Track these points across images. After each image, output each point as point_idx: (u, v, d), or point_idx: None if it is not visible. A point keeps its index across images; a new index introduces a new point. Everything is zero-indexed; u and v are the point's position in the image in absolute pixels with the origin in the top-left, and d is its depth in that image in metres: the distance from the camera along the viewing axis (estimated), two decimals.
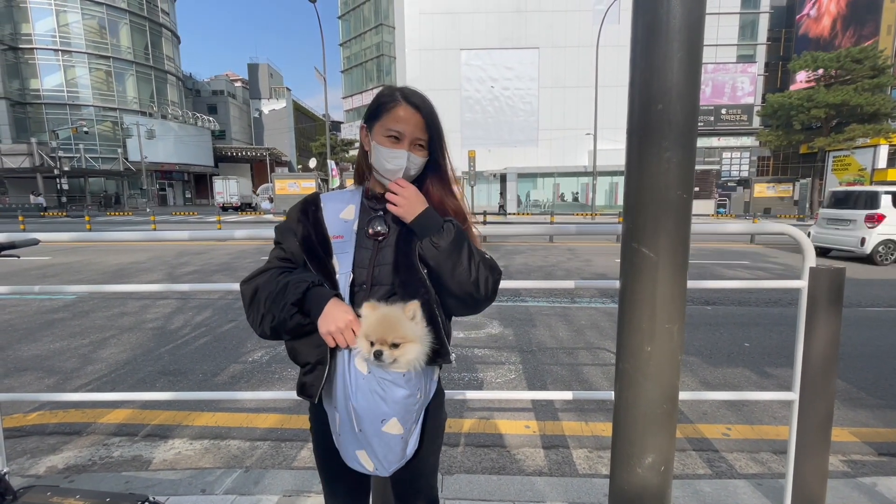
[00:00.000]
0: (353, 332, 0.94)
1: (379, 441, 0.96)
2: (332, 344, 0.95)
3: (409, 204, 0.98)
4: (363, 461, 0.99)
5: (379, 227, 1.04)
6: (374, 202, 1.09)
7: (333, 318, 0.93)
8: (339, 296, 0.99)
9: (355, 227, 1.06)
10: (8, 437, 2.46)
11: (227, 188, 30.60)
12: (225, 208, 29.91)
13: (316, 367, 1.01)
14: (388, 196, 1.00)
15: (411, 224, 0.99)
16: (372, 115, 1.05)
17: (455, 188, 1.12)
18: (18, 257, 1.58)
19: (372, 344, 0.92)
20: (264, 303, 0.99)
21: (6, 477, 1.48)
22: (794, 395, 1.68)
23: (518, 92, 34.51)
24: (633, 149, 1.04)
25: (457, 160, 1.14)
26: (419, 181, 1.08)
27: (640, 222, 1.04)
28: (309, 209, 1.08)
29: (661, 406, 1.11)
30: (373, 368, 0.95)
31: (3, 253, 1.56)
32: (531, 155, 34.21)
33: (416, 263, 1.00)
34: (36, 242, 1.61)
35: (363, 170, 1.13)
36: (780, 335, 4.43)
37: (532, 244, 12.13)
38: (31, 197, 30.11)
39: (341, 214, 1.07)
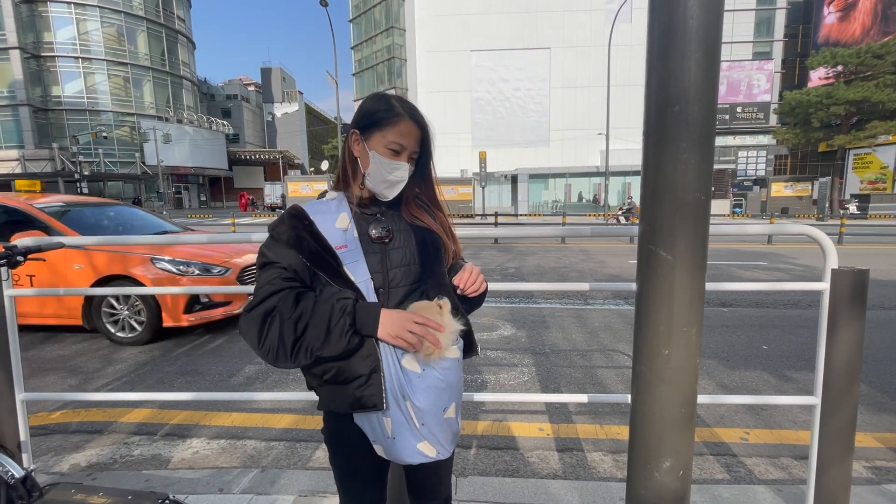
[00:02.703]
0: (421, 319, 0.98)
1: (440, 428, 1.00)
2: (418, 345, 0.96)
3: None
4: (425, 451, 1.00)
5: (382, 231, 1.06)
6: (365, 207, 1.09)
7: (404, 323, 0.96)
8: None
9: (355, 234, 1.04)
10: (33, 435, 2.53)
11: (274, 192, 36.73)
12: (273, 208, 34.91)
13: (371, 377, 0.98)
14: (470, 286, 1.10)
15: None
16: (370, 123, 1.04)
17: (440, 200, 1.17)
18: (45, 260, 1.63)
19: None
20: (295, 328, 0.92)
21: (32, 474, 1.52)
22: (816, 400, 1.65)
23: (529, 92, 34.42)
24: (650, 151, 1.03)
25: (468, 161, 1.19)
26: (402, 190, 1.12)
27: (657, 225, 1.03)
28: (301, 224, 1.03)
29: (679, 410, 1.10)
30: (425, 367, 0.99)
31: (30, 256, 1.61)
32: (542, 155, 34.08)
33: (444, 271, 1.10)
34: (61, 246, 1.66)
35: (348, 176, 1.09)
36: (798, 338, 4.34)
37: (544, 245, 12.07)
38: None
39: (336, 224, 1.05)
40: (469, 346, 1.10)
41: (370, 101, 1.06)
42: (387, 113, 1.03)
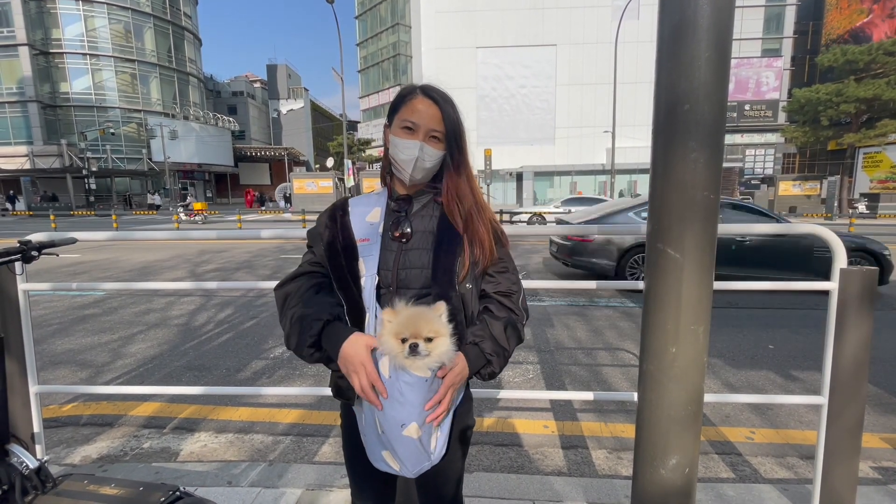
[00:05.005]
0: (366, 369, 0.94)
1: (399, 444, 0.95)
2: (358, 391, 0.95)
3: (459, 379, 0.98)
4: (389, 461, 0.99)
5: (403, 229, 1.05)
6: (398, 204, 1.09)
7: (350, 362, 0.94)
8: (356, 330, 0.99)
9: (380, 229, 1.06)
10: (45, 427, 2.57)
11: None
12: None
13: None
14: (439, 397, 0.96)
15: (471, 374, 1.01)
16: (392, 109, 1.07)
17: (474, 183, 1.11)
18: (58, 255, 1.66)
19: (404, 340, 0.91)
20: (290, 321, 1.00)
21: (46, 465, 1.55)
22: (823, 399, 1.64)
23: (535, 90, 34.25)
24: (659, 149, 1.03)
25: (473, 158, 1.15)
26: (438, 176, 1.09)
27: (665, 223, 1.04)
28: (337, 214, 1.10)
29: (686, 408, 1.11)
30: (394, 373, 0.93)
31: (43, 251, 1.63)
32: (548, 153, 33.94)
33: (451, 280, 1.02)
34: (74, 241, 1.68)
35: (385, 171, 1.14)
36: (805, 337, 4.31)
37: (549, 244, 12.03)
38: (149, 196, 33.54)
39: (367, 218, 1.08)
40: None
41: (398, 92, 1.09)
42: (406, 92, 1.06)
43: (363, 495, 1.16)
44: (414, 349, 0.91)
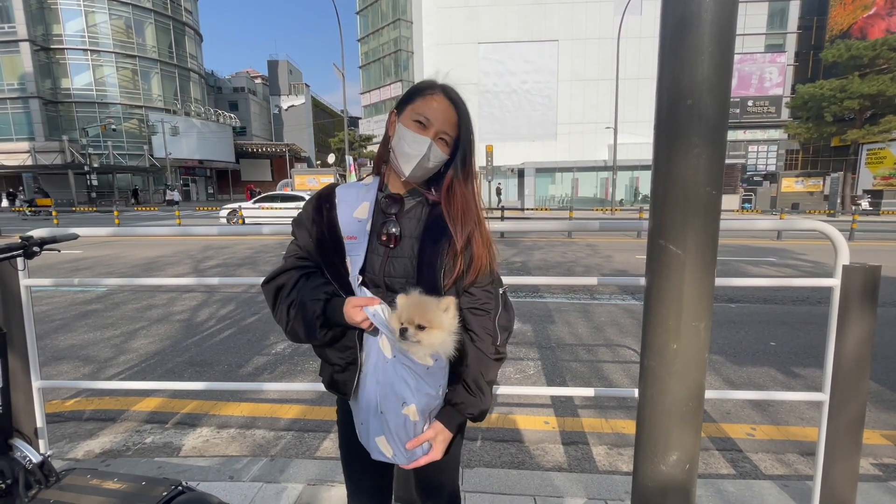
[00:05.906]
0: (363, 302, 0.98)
1: (396, 423, 0.96)
2: (366, 327, 0.97)
3: (442, 446, 1.03)
4: (383, 448, 1.00)
5: (391, 231, 1.01)
6: (388, 201, 1.04)
7: (354, 310, 0.96)
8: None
9: (368, 227, 1.02)
10: (48, 422, 2.58)
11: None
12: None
13: (347, 368, 1.03)
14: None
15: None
16: (406, 99, 1.03)
17: (475, 191, 1.07)
18: (59, 251, 1.66)
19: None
20: (287, 312, 1.01)
21: (49, 460, 1.56)
22: (824, 396, 1.64)
23: (537, 85, 34.10)
24: (662, 145, 1.03)
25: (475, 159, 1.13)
26: (437, 178, 1.06)
27: (667, 219, 1.03)
28: (323, 207, 1.06)
29: (687, 403, 1.11)
30: (396, 354, 0.96)
31: (45, 247, 1.63)
32: (549, 149, 33.84)
33: (438, 286, 1.00)
34: (75, 237, 1.68)
35: (381, 160, 1.10)
36: (807, 334, 4.31)
37: (550, 240, 12.03)
38: (167, 192, 33.13)
39: (355, 213, 1.04)
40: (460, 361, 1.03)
41: (414, 84, 1.07)
42: (425, 86, 1.02)
43: (360, 495, 1.16)
44: (402, 333, 0.93)
